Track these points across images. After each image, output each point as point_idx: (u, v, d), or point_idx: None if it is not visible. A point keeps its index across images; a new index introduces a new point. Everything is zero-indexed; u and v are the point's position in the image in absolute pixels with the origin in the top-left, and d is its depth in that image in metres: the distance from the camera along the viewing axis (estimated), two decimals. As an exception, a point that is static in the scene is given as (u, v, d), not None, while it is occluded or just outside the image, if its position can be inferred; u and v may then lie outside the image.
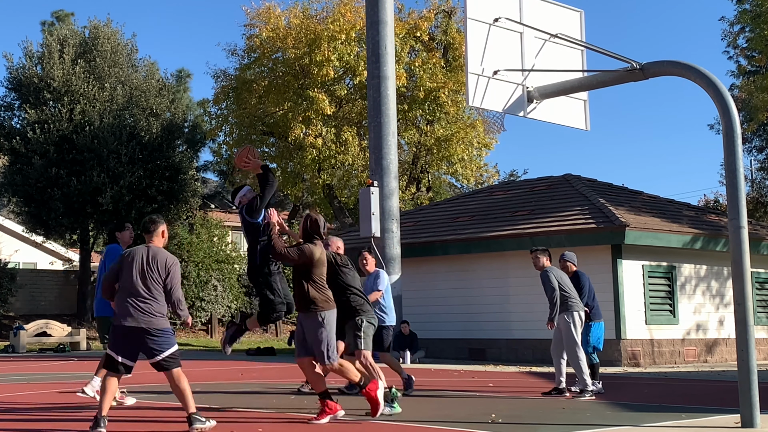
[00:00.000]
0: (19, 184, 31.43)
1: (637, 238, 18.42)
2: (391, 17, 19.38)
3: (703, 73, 8.74)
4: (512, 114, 10.38)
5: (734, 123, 8.48)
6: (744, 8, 29.61)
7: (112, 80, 32.91)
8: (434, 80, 31.72)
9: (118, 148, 31.20)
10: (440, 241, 21.38)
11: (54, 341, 27.65)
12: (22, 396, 11.57)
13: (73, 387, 12.86)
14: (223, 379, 14.34)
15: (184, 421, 7.89)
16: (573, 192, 21.71)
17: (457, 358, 20.59)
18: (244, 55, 33.93)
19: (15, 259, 37.51)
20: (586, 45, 11.02)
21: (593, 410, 9.90)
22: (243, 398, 11.16)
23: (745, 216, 8.43)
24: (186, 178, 33.88)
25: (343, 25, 30.85)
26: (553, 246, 19.50)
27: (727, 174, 8.56)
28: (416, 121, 33.51)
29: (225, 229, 37.98)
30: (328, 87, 31.34)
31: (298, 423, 8.70)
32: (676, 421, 8.73)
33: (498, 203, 23.22)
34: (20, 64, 33.00)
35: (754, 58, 31.50)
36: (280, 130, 32.59)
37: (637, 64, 9.42)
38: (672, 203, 23.49)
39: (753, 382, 8.15)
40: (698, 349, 20.10)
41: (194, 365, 18.85)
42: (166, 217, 33.64)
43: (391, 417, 8.97)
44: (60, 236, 34.78)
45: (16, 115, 33.43)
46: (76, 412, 9.59)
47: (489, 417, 8.89)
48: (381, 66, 19.04)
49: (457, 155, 33.10)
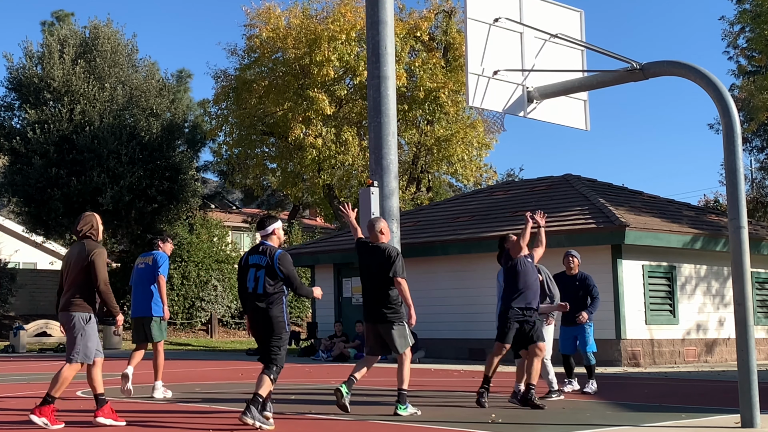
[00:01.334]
0: (19, 184, 31.43)
1: (637, 238, 18.42)
2: (391, 17, 19.36)
3: (703, 74, 8.74)
4: (512, 114, 10.38)
5: (734, 123, 8.47)
6: (744, 8, 29.61)
7: (112, 80, 32.92)
8: (434, 80, 31.72)
9: (118, 148, 31.20)
10: (440, 241, 21.37)
11: (54, 341, 27.67)
12: (22, 396, 11.57)
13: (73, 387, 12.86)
14: (223, 379, 14.34)
15: (186, 423, 7.87)
16: (573, 192, 21.71)
17: (457, 358, 20.59)
18: (244, 55, 33.94)
19: (15, 259, 37.53)
20: (586, 45, 11.02)
21: (593, 410, 9.90)
22: (243, 398, 11.15)
23: (745, 216, 8.42)
24: (186, 178, 33.88)
25: (343, 25, 30.85)
26: (553, 246, 19.51)
27: (727, 174, 8.56)
28: (416, 121, 33.51)
29: (225, 229, 38.00)
30: (328, 87, 31.34)
31: (299, 422, 8.69)
32: (676, 421, 8.73)
33: (498, 203, 23.22)
34: (20, 64, 33.02)
35: (754, 58, 31.50)
36: (280, 130, 32.59)
37: (637, 64, 9.42)
38: (672, 203, 23.48)
39: (753, 382, 8.15)
40: (698, 349, 20.09)
41: (194, 365, 18.86)
42: (166, 217, 33.67)
43: (390, 417, 8.98)
44: (60, 236, 34.78)
45: (16, 115, 33.45)
46: (76, 411, 9.59)
47: (489, 417, 8.89)
48: (381, 66, 19.02)
49: (457, 155, 33.10)
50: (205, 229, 36.06)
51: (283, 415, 9.22)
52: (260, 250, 8.49)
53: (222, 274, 35.43)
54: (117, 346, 28.33)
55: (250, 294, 8.41)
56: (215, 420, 8.90)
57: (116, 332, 25.23)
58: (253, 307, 8.38)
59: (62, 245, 38.86)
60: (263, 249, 8.48)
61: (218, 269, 35.26)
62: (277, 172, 34.26)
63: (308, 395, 11.32)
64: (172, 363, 19.64)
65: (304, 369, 17.30)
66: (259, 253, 8.48)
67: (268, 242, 8.54)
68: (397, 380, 9.28)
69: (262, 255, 8.44)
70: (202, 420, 8.97)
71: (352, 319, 22.08)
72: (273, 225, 8.58)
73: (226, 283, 35.51)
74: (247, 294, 8.45)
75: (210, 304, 34.75)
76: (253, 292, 8.37)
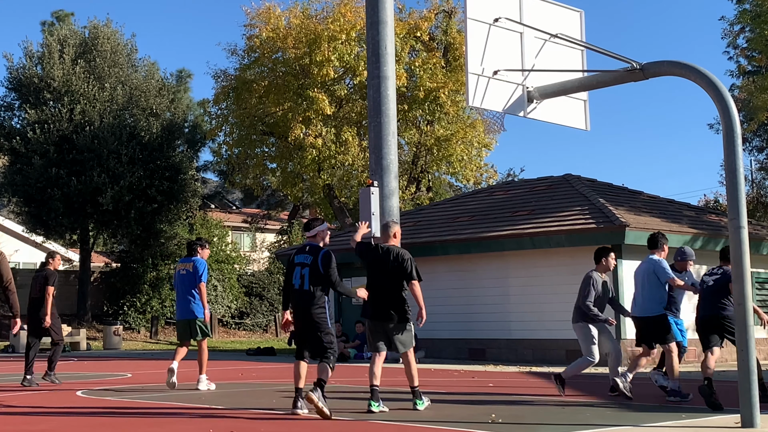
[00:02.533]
0: (19, 184, 31.43)
1: (637, 238, 18.41)
2: (391, 17, 19.34)
3: (703, 74, 8.74)
4: (512, 114, 10.37)
5: (734, 123, 8.47)
6: (744, 8, 29.59)
7: (112, 80, 32.92)
8: (434, 80, 31.71)
9: (118, 148, 31.20)
10: (440, 241, 21.37)
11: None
12: (21, 396, 11.58)
13: (73, 387, 12.88)
14: (223, 379, 14.34)
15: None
16: (573, 192, 21.71)
17: (457, 358, 20.59)
18: (244, 55, 33.92)
19: (15, 259, 37.53)
20: (586, 45, 11.02)
21: (593, 410, 9.90)
22: (243, 398, 11.16)
23: (745, 216, 8.42)
24: (186, 178, 33.89)
25: (343, 25, 30.84)
26: (553, 246, 19.55)
27: (727, 174, 8.56)
28: (416, 121, 33.51)
29: (225, 229, 38.01)
30: (328, 87, 31.33)
31: (299, 422, 8.70)
32: (676, 421, 8.73)
33: (498, 203, 23.22)
34: (20, 64, 33.03)
35: (754, 58, 31.50)
36: (280, 130, 32.58)
37: (637, 64, 9.42)
38: (672, 203, 23.48)
39: (753, 382, 8.15)
40: (698, 349, 20.08)
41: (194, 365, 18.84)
42: (166, 217, 33.67)
43: (390, 417, 8.98)
44: (60, 236, 34.80)
45: (16, 115, 33.46)
46: (74, 412, 9.59)
47: (489, 417, 8.90)
48: (381, 66, 19.01)
49: (457, 155, 33.10)
50: (205, 229, 36.07)
51: (284, 415, 9.23)
52: (306, 250, 9.24)
53: (222, 274, 35.44)
54: (117, 346, 28.33)
55: (296, 290, 9.12)
56: (215, 420, 8.90)
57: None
58: (298, 303, 9.09)
59: (62, 245, 38.88)
60: (309, 249, 9.23)
61: (218, 269, 35.26)
62: (277, 172, 34.24)
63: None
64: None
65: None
66: (305, 252, 9.22)
67: (313, 243, 9.30)
68: (407, 379, 9.63)
69: (308, 254, 9.18)
70: (202, 420, 8.97)
71: (352, 320, 22.08)
72: (318, 228, 9.36)
73: (226, 283, 35.52)
74: (293, 290, 9.14)
75: (210, 304, 34.74)
76: (299, 289, 9.09)
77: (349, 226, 31.03)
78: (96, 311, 33.84)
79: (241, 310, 36.53)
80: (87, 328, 30.54)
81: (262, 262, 42.29)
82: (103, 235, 34.91)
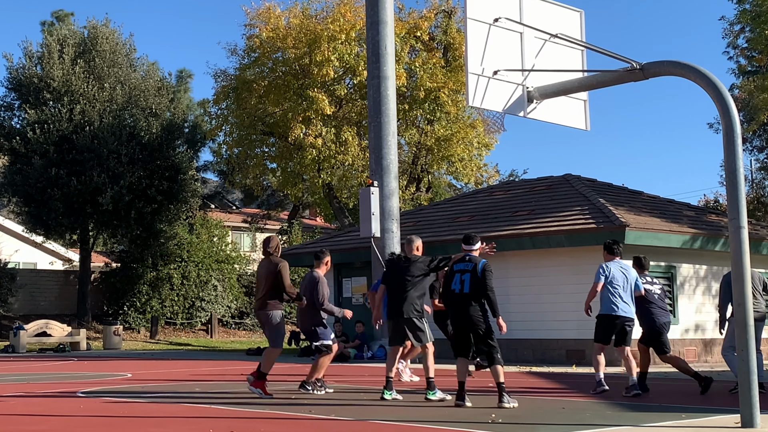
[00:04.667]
0: (19, 184, 31.43)
1: (637, 238, 18.41)
2: (391, 17, 19.36)
3: (703, 73, 8.74)
4: (512, 114, 10.37)
5: (734, 123, 8.47)
6: (744, 8, 29.61)
7: (111, 80, 32.93)
8: (434, 80, 31.71)
9: (118, 148, 31.20)
10: (440, 241, 21.36)
11: (54, 341, 27.67)
12: (21, 396, 11.57)
13: (73, 387, 12.87)
14: (223, 379, 14.34)
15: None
16: (573, 192, 21.71)
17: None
18: (244, 55, 33.94)
19: (15, 259, 37.53)
20: (586, 45, 11.01)
21: (593, 410, 9.91)
22: (243, 398, 11.16)
23: (745, 216, 8.42)
24: (186, 178, 33.88)
25: (343, 25, 30.84)
26: (553, 246, 19.54)
27: (727, 174, 8.55)
28: (416, 121, 33.52)
29: (225, 229, 38.00)
30: (328, 87, 31.34)
31: (299, 422, 8.70)
32: (676, 421, 8.73)
33: (498, 203, 23.21)
34: (20, 64, 33.03)
35: (754, 57, 31.52)
36: (280, 130, 32.59)
37: (637, 64, 9.42)
38: (672, 203, 23.48)
39: (753, 382, 8.14)
40: (698, 349, 20.09)
41: (194, 365, 18.86)
42: (166, 217, 33.67)
43: (391, 417, 8.98)
44: (60, 236, 34.80)
45: (16, 115, 33.46)
46: (74, 413, 9.59)
47: (489, 417, 8.90)
48: (381, 66, 19.03)
49: (457, 155, 33.11)
50: (205, 229, 36.07)
51: (284, 415, 9.23)
52: (466, 259, 10.22)
53: (222, 274, 35.43)
54: (117, 346, 28.34)
55: (456, 295, 10.00)
56: (215, 420, 8.90)
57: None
58: (457, 306, 10.02)
59: (62, 245, 38.89)
60: (469, 258, 10.22)
61: (218, 269, 35.26)
62: (277, 172, 34.25)
63: (308, 395, 11.33)
64: (172, 363, 19.67)
65: (304, 369, 17.28)
66: (465, 261, 10.20)
67: (471, 254, 10.28)
68: (424, 370, 10.69)
69: (468, 263, 10.16)
70: (202, 420, 8.97)
71: (352, 320, 22.04)
72: (476, 244, 10.39)
73: (226, 283, 35.52)
74: (454, 295, 10.04)
75: (210, 304, 34.75)
76: (460, 293, 9.99)
77: (349, 226, 31.05)
78: (96, 311, 33.84)
79: (240, 310, 36.52)
80: (87, 328, 30.54)
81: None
82: (103, 235, 34.91)
